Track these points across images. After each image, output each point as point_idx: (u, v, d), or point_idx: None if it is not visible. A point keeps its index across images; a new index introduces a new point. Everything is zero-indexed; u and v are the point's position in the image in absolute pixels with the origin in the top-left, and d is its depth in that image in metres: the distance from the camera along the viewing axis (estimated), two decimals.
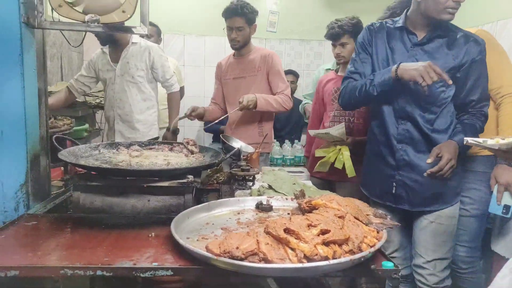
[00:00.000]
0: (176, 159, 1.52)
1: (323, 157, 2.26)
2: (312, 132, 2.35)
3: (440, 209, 1.77)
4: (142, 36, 2.71)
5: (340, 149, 2.20)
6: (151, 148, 1.67)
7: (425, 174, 1.62)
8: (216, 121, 2.40)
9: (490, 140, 1.22)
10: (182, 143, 1.67)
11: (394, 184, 1.79)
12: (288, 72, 4.09)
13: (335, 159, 2.20)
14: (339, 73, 2.48)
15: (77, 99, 2.89)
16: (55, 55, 3.30)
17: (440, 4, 1.61)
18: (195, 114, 2.47)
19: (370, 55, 1.84)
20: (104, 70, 2.76)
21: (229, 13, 2.47)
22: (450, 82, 1.58)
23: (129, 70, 2.70)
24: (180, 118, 2.60)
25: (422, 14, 1.70)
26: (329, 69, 3.05)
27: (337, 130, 2.19)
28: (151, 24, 3.91)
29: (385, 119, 1.79)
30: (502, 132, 1.87)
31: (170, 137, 2.75)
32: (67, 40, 1.88)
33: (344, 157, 2.17)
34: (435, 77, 1.53)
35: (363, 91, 1.77)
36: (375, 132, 1.86)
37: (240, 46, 2.53)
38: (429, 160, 1.58)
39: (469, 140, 1.27)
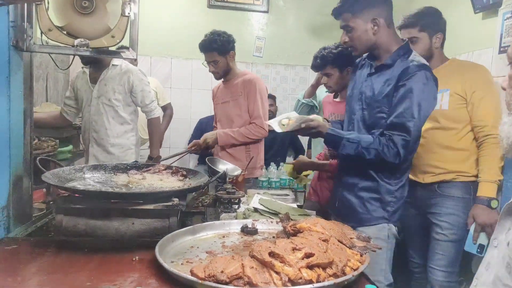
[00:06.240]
0: (171, 183, 1.52)
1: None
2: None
3: (356, 226, 1.55)
4: (131, 62, 2.72)
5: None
6: (147, 171, 1.67)
7: None
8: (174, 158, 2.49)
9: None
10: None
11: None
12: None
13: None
14: (337, 99, 2.49)
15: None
16: (40, 76, 3.28)
17: None
18: (196, 148, 2.58)
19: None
20: (82, 90, 2.71)
21: (202, 49, 2.58)
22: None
23: (106, 92, 2.63)
24: (177, 154, 2.61)
25: None
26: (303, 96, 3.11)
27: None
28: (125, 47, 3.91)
29: None
30: (482, 171, 1.92)
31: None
32: (55, 63, 1.89)
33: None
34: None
35: None
36: None
37: (221, 76, 2.65)
38: None
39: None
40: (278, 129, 1.68)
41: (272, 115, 3.40)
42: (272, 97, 4.35)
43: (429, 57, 2.09)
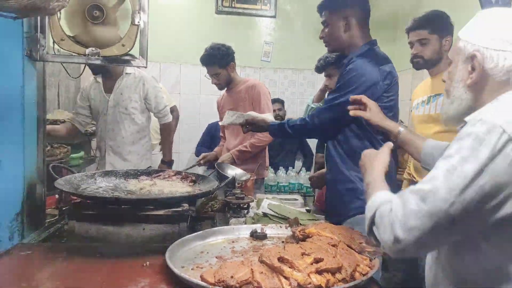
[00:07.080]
0: (181, 189, 1.54)
1: None
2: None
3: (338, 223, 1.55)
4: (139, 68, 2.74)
5: None
6: (158, 177, 1.69)
7: None
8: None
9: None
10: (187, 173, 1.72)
11: None
12: (275, 101, 4.19)
13: None
14: None
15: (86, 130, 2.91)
16: (52, 83, 3.34)
17: None
18: (205, 161, 2.69)
19: None
20: (97, 100, 2.70)
21: (203, 64, 2.70)
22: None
23: (122, 101, 2.66)
24: (192, 166, 2.67)
25: None
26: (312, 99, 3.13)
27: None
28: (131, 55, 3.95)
29: None
30: None
31: (165, 168, 2.77)
32: (66, 71, 1.93)
33: None
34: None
35: None
36: None
37: (223, 87, 2.77)
38: None
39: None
40: (220, 122, 1.98)
41: (280, 119, 3.44)
42: (280, 101, 4.37)
43: (438, 60, 2.07)
